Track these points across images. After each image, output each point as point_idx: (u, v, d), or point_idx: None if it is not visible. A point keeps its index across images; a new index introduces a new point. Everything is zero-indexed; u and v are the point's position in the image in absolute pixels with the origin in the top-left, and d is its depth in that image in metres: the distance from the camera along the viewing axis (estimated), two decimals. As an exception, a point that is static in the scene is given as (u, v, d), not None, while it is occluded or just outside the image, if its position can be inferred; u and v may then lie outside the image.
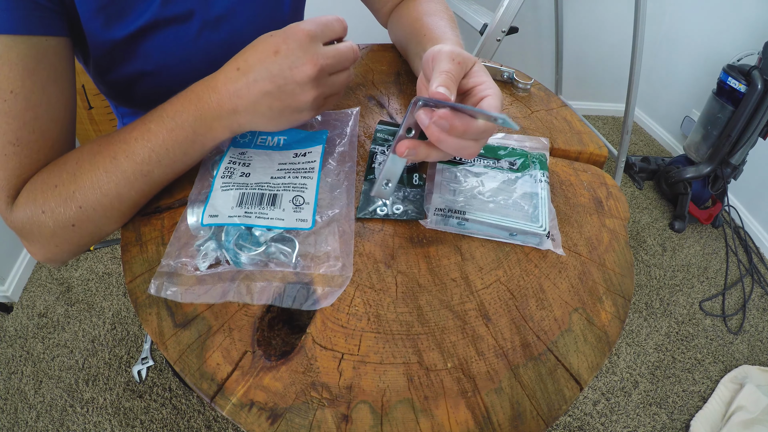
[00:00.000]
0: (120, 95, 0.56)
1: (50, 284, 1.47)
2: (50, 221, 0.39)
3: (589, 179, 0.53)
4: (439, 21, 0.56)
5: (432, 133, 0.37)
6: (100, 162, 0.39)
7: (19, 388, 1.21)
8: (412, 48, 0.59)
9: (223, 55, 0.52)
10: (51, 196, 0.38)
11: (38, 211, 0.38)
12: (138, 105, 0.58)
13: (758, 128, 1.53)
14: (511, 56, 2.11)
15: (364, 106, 0.60)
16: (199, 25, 0.52)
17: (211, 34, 0.53)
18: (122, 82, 0.53)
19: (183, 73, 0.53)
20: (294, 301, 0.38)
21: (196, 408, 1.19)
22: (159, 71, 0.52)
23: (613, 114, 2.42)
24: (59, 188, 0.38)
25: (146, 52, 0.50)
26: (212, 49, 0.54)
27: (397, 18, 0.64)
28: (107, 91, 0.56)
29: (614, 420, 1.23)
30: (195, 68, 0.53)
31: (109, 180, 0.39)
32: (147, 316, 0.38)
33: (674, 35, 2.09)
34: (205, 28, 0.53)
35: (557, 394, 0.35)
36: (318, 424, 0.32)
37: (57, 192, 0.38)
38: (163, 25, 0.49)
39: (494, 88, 0.40)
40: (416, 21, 0.59)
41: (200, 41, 0.53)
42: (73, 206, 0.39)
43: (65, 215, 0.39)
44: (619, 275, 0.44)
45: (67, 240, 0.41)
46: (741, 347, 1.41)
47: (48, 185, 0.39)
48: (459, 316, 0.39)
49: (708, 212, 1.76)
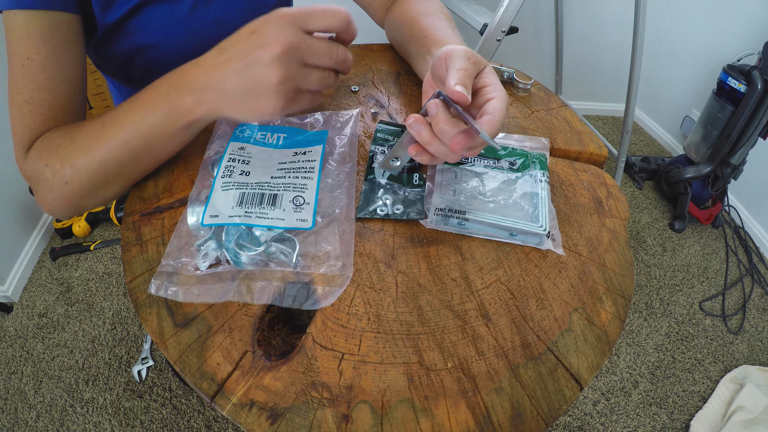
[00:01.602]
0: (120, 71, 0.60)
1: (50, 284, 1.47)
2: (49, 175, 0.42)
3: (589, 179, 0.53)
4: (439, 22, 0.57)
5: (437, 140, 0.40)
6: (92, 128, 0.43)
7: (19, 388, 1.21)
8: (414, 49, 0.60)
9: (214, 34, 0.59)
10: (53, 153, 0.43)
11: (42, 165, 0.43)
12: (137, 82, 0.62)
13: (758, 128, 1.53)
14: (511, 56, 2.11)
15: (364, 106, 0.60)
16: (191, 2, 0.56)
17: (203, 11, 0.58)
18: (123, 57, 0.57)
19: (177, 49, 0.58)
20: (294, 300, 0.38)
21: (196, 408, 1.19)
22: (155, 45, 0.56)
23: (613, 114, 2.42)
24: (61, 147, 0.43)
25: (143, 27, 0.54)
26: (204, 26, 0.58)
27: (393, 19, 0.65)
28: (108, 67, 0.60)
29: (614, 420, 1.23)
30: (188, 44, 0.58)
31: (96, 145, 0.42)
32: (147, 316, 0.38)
33: (674, 35, 2.09)
34: (198, 5, 0.57)
35: (557, 394, 0.35)
36: (318, 424, 0.32)
37: (58, 150, 0.43)
38: (152, 3, 0.54)
39: (502, 91, 0.41)
40: (414, 22, 0.59)
41: (193, 18, 0.57)
42: (67, 165, 0.42)
43: (61, 172, 0.42)
44: (619, 275, 0.44)
45: (63, 196, 0.44)
46: (741, 347, 1.41)
47: (53, 143, 0.43)
48: (459, 316, 0.39)
49: (708, 212, 1.76)
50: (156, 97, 0.42)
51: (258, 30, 0.38)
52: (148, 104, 0.42)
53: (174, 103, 0.41)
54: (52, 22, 0.44)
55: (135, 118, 0.42)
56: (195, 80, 0.41)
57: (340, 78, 0.53)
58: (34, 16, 0.43)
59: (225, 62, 0.39)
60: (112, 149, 0.42)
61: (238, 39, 0.39)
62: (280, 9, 0.39)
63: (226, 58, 0.39)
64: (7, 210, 1.44)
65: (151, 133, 0.43)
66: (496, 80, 0.42)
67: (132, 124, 0.42)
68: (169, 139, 0.44)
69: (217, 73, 0.39)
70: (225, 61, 0.39)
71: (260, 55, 0.37)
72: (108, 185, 0.45)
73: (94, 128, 0.43)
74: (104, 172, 0.43)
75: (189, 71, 0.41)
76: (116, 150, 0.42)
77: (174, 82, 0.42)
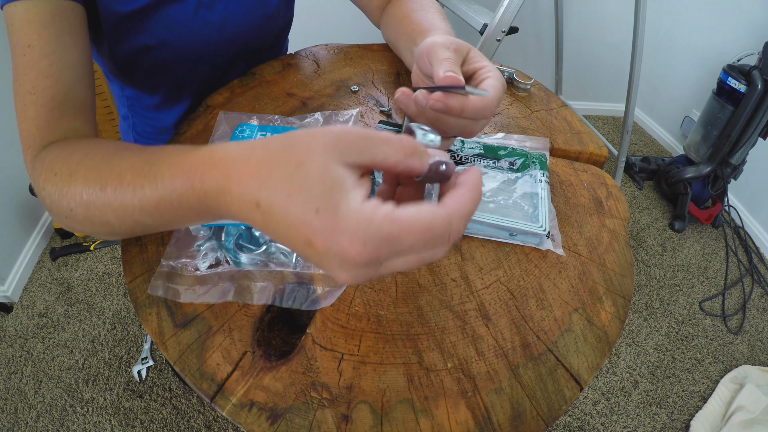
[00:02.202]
0: (125, 71, 0.60)
1: (50, 284, 1.47)
2: (47, 201, 0.39)
3: (589, 179, 0.53)
4: (427, 14, 0.56)
5: (429, 115, 0.36)
6: (93, 183, 0.35)
7: (19, 388, 1.21)
8: (403, 44, 0.60)
9: (217, 36, 0.60)
10: (50, 181, 0.38)
11: (40, 187, 0.39)
12: (140, 82, 0.63)
13: (758, 128, 1.53)
14: (511, 56, 2.10)
15: (364, 106, 0.60)
16: (196, 4, 0.57)
17: (207, 13, 0.58)
18: (128, 57, 0.56)
19: (180, 50, 0.58)
20: (294, 301, 0.38)
21: (196, 408, 1.19)
22: (159, 46, 0.56)
23: (613, 114, 2.42)
24: (58, 177, 0.37)
25: (149, 28, 0.54)
26: (207, 28, 0.59)
27: (387, 18, 0.65)
28: (114, 68, 0.60)
29: (614, 420, 1.23)
30: (191, 46, 0.59)
31: (97, 206, 0.35)
32: (147, 316, 0.38)
33: (674, 35, 2.09)
34: (201, 7, 0.58)
35: (557, 394, 0.35)
36: (318, 424, 0.32)
37: (55, 180, 0.38)
38: (163, 4, 0.54)
39: (494, 70, 0.40)
40: (404, 18, 0.59)
41: (197, 20, 0.58)
42: (64, 204, 0.36)
43: (59, 206, 0.37)
44: (619, 275, 0.44)
45: (64, 224, 0.40)
46: (741, 347, 1.41)
47: (50, 171, 0.38)
48: (459, 316, 0.39)
49: (708, 212, 1.76)
50: (175, 205, 0.31)
51: (317, 244, 0.23)
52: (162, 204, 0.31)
53: (198, 216, 0.31)
54: (54, 6, 0.43)
55: (149, 210, 0.32)
56: (223, 212, 0.29)
57: None
58: (34, 5, 0.42)
59: (271, 231, 0.26)
60: (117, 216, 0.34)
61: (284, 227, 0.24)
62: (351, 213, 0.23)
63: (272, 230, 0.26)
64: (7, 210, 1.44)
65: (168, 222, 0.33)
66: (485, 61, 0.41)
67: (145, 212, 0.32)
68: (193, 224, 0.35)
69: (258, 225, 0.26)
70: (272, 233, 0.26)
71: (322, 260, 0.24)
72: (112, 235, 0.39)
73: (93, 184, 0.34)
74: (108, 228, 0.36)
75: (216, 199, 0.28)
76: (123, 220, 0.34)
77: (195, 207, 0.30)
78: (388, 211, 0.23)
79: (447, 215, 0.24)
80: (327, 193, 0.23)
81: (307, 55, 0.71)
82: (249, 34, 0.64)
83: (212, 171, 0.27)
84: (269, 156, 0.25)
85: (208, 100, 0.61)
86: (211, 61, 0.62)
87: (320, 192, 0.23)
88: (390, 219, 0.23)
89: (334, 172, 0.24)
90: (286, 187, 0.24)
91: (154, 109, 0.68)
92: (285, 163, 0.24)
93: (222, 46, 0.62)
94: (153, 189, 0.31)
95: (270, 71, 0.66)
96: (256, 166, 0.25)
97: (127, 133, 0.73)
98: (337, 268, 0.24)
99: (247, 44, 0.65)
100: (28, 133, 0.42)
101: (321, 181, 0.23)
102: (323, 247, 0.23)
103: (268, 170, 0.25)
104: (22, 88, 0.42)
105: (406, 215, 0.23)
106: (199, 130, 0.56)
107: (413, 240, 0.23)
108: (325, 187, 0.23)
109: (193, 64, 0.61)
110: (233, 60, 0.65)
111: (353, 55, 0.71)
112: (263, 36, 0.67)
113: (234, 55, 0.65)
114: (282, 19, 0.69)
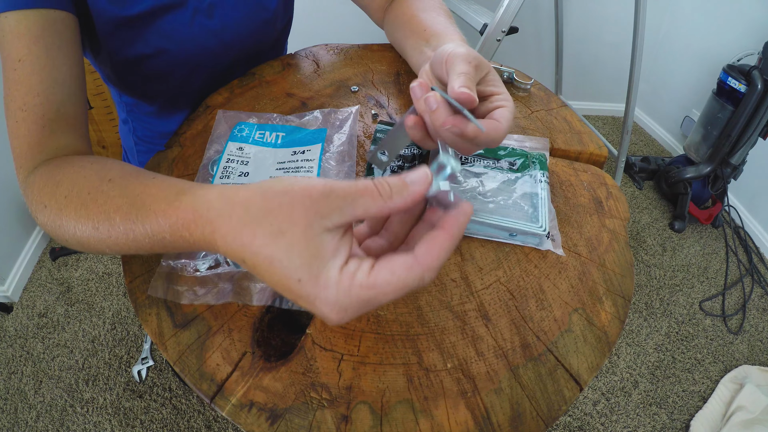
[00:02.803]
0: (123, 79, 0.59)
1: (50, 284, 1.47)
2: (42, 226, 0.38)
3: (589, 179, 0.53)
4: (438, 17, 0.56)
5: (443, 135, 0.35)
6: (84, 221, 0.34)
7: (19, 388, 1.21)
8: (411, 43, 0.59)
9: (216, 43, 0.59)
10: (41, 213, 0.37)
11: (33, 214, 0.39)
12: (139, 90, 0.62)
13: (758, 128, 1.52)
14: (511, 56, 2.10)
15: (364, 106, 0.60)
16: (192, 11, 0.56)
17: (205, 20, 0.58)
18: (125, 66, 0.56)
19: (179, 58, 0.58)
20: (294, 302, 0.38)
21: (196, 408, 1.19)
22: (157, 55, 0.56)
23: (613, 114, 2.42)
24: (48, 210, 0.36)
25: (145, 38, 0.54)
26: (205, 35, 0.58)
27: (392, 17, 0.64)
28: (112, 75, 0.59)
29: (614, 420, 1.23)
30: (190, 53, 0.58)
31: (92, 242, 0.34)
32: (147, 317, 0.38)
33: (674, 35, 2.09)
34: (198, 13, 0.57)
35: (557, 395, 0.35)
36: (318, 425, 0.32)
37: (46, 213, 0.37)
38: (160, 13, 0.53)
39: (509, 100, 0.39)
40: (413, 17, 0.59)
41: (195, 27, 0.57)
42: (60, 235, 0.36)
43: (55, 234, 0.37)
44: (619, 275, 0.44)
45: (62, 243, 0.39)
46: (741, 347, 1.41)
47: (39, 202, 0.37)
48: (459, 317, 0.38)
49: (708, 212, 1.76)
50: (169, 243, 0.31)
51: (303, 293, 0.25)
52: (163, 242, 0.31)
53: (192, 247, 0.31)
54: (44, 20, 0.42)
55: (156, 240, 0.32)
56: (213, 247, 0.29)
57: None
58: (25, 17, 0.42)
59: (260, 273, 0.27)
60: (117, 245, 0.34)
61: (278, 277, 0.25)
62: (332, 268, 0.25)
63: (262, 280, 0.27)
64: (7, 210, 1.44)
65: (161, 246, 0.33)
66: (503, 89, 0.41)
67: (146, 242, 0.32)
68: None
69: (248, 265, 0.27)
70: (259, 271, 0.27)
71: (316, 309, 0.26)
72: (116, 253, 0.37)
73: (92, 215, 0.34)
74: (108, 250, 0.35)
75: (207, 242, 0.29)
76: (121, 252, 0.35)
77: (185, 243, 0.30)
78: (363, 279, 0.24)
79: (420, 271, 0.25)
80: (307, 264, 0.24)
81: (306, 55, 0.71)
82: (249, 39, 0.64)
83: (196, 226, 0.29)
84: (250, 219, 0.26)
85: (208, 101, 0.61)
86: (211, 67, 0.62)
87: (300, 264, 0.24)
88: (366, 286, 0.24)
89: (315, 242, 0.25)
90: (269, 254, 0.25)
91: (153, 115, 0.67)
92: (265, 231, 0.25)
93: (221, 53, 0.61)
94: (143, 233, 0.32)
95: (270, 71, 0.66)
96: (237, 227, 0.26)
97: (127, 136, 0.73)
98: (325, 318, 0.26)
99: (246, 49, 0.64)
100: (20, 151, 0.42)
101: (301, 252, 0.24)
102: (308, 307, 0.25)
103: (249, 235, 0.26)
104: (13, 104, 0.42)
105: (381, 279, 0.25)
106: (198, 130, 0.56)
107: (389, 297, 0.25)
108: (306, 259, 0.24)
109: (191, 70, 0.60)
110: (233, 65, 0.65)
111: (353, 56, 0.71)
112: (263, 40, 0.66)
113: (233, 60, 0.64)
114: (281, 22, 0.69)
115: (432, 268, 0.25)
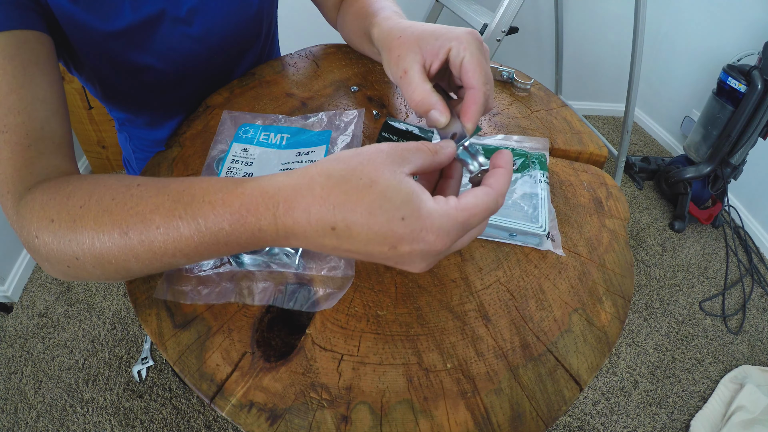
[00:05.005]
0: (112, 98, 0.58)
1: (50, 284, 1.47)
2: (42, 250, 0.34)
3: (589, 179, 0.53)
4: (382, 1, 0.54)
5: None
6: (108, 228, 0.32)
7: (19, 388, 1.21)
8: (361, 35, 0.56)
9: (200, 50, 0.57)
10: (46, 229, 0.33)
11: (32, 236, 0.34)
12: (131, 107, 0.61)
13: (758, 128, 1.52)
14: (511, 56, 2.10)
15: (364, 107, 0.60)
16: (172, 21, 0.53)
17: (185, 28, 0.55)
18: (112, 84, 0.55)
19: (166, 71, 0.56)
20: (295, 302, 0.38)
21: (196, 408, 1.19)
22: (143, 70, 0.54)
23: (613, 114, 2.42)
24: (56, 224, 0.33)
25: (128, 55, 0.52)
26: (189, 44, 0.56)
27: (343, 16, 0.63)
28: (100, 93, 0.58)
29: (614, 420, 1.23)
30: (177, 64, 0.56)
31: (115, 253, 0.32)
32: (147, 317, 0.38)
33: (674, 35, 2.09)
34: (178, 23, 0.54)
35: (557, 395, 0.35)
36: (317, 425, 0.32)
37: (52, 228, 0.33)
38: (137, 30, 0.51)
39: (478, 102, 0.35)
40: (360, 10, 0.57)
41: (175, 37, 0.54)
42: (68, 253, 0.33)
43: (59, 256, 0.33)
44: (619, 275, 0.44)
45: (61, 273, 0.36)
46: (741, 347, 1.41)
47: (44, 217, 0.34)
48: (458, 317, 0.39)
49: (708, 212, 1.76)
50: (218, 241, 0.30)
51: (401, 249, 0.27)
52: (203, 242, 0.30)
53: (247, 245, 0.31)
54: (18, 39, 0.40)
55: (186, 251, 0.31)
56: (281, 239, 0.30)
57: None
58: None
59: (343, 252, 0.29)
60: (138, 260, 0.32)
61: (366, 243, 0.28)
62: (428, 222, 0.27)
63: (344, 249, 0.29)
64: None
65: (205, 256, 0.32)
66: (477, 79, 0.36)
67: (179, 253, 0.31)
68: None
69: (326, 248, 0.29)
70: (343, 251, 0.29)
71: (403, 260, 0.29)
72: (127, 277, 0.35)
73: (107, 229, 0.32)
74: (125, 273, 0.34)
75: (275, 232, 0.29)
76: (148, 264, 0.32)
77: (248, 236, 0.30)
78: (456, 203, 0.28)
79: (495, 195, 0.29)
80: (406, 201, 0.27)
81: (306, 55, 0.71)
82: (235, 39, 0.61)
83: (267, 208, 0.29)
84: (335, 182, 0.27)
85: (208, 100, 0.61)
86: (201, 73, 0.60)
87: (401, 202, 0.27)
88: (461, 209, 0.28)
89: (405, 183, 0.27)
90: (365, 206, 0.27)
91: (146, 126, 0.66)
92: (356, 186, 0.27)
93: (209, 58, 0.59)
94: (192, 230, 0.30)
95: (269, 71, 0.66)
96: (322, 193, 0.27)
97: (125, 143, 0.73)
98: (417, 262, 0.28)
99: (234, 48, 0.63)
100: (5, 176, 0.37)
101: (398, 193, 0.27)
102: (408, 248, 0.27)
103: (340, 195, 0.27)
104: None
105: (471, 202, 0.28)
106: (198, 130, 0.55)
107: (478, 219, 0.29)
108: (404, 197, 0.27)
109: (180, 80, 0.59)
110: (223, 66, 0.63)
111: (353, 56, 0.71)
112: (251, 36, 0.64)
113: (222, 62, 0.62)
114: (267, 13, 0.65)
115: (501, 194, 0.30)
